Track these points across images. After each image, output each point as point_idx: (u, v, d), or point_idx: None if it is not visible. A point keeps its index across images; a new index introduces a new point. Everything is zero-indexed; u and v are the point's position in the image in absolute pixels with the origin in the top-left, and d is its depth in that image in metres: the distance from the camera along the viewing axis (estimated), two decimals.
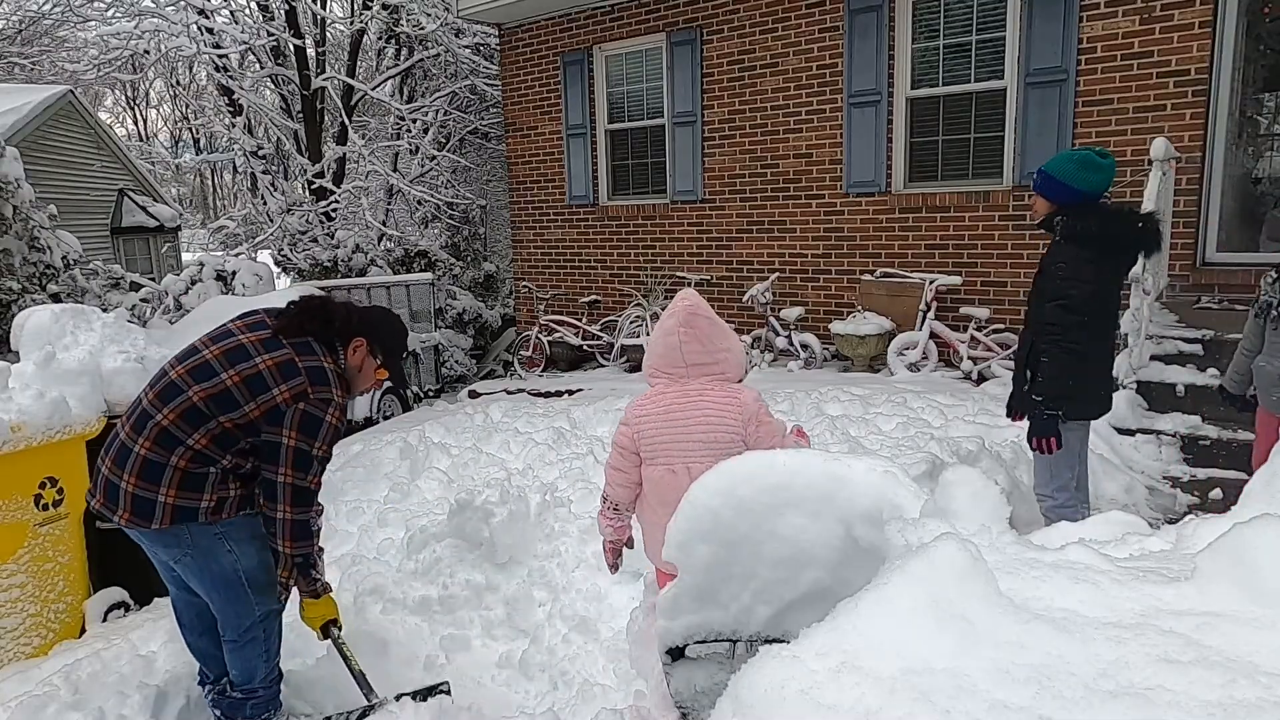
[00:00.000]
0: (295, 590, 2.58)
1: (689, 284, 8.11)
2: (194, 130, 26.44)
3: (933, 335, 6.52)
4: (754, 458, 1.71)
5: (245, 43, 12.85)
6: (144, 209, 17.54)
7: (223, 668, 2.64)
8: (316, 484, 2.46)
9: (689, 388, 2.58)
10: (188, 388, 2.37)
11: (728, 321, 8.34)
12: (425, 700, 2.69)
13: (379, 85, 13.73)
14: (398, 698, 2.67)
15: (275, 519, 2.41)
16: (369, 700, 2.64)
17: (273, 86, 14.68)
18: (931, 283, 6.52)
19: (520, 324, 9.90)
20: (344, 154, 13.21)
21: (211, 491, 2.39)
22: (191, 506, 2.37)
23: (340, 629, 2.67)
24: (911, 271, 6.84)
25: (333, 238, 12.02)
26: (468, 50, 12.54)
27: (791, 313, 7.27)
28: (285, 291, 7.58)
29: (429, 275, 10.34)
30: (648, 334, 7.99)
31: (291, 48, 12.70)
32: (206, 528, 2.40)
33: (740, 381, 2.65)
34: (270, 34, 12.41)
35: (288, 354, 2.40)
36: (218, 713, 2.67)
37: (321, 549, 2.69)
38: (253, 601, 2.51)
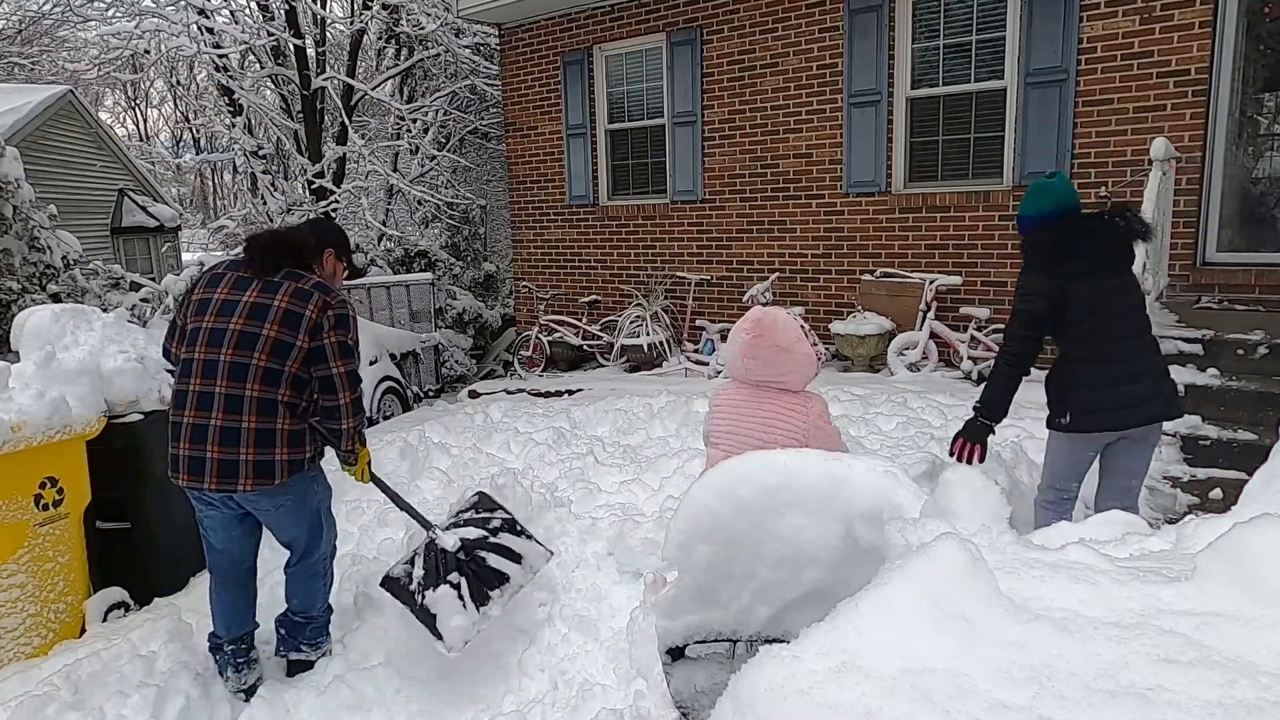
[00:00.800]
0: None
1: (689, 284, 8.12)
2: (194, 130, 26.44)
3: (933, 335, 6.52)
4: (754, 458, 1.71)
5: (245, 43, 12.85)
6: (144, 209, 17.54)
7: (245, 625, 3.05)
8: (356, 366, 2.91)
9: (761, 390, 2.92)
10: (249, 359, 2.73)
11: (727, 321, 8.21)
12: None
13: (379, 85, 13.72)
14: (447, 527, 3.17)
15: (338, 404, 2.84)
16: (426, 528, 3.16)
17: (273, 86, 14.68)
18: (931, 283, 6.52)
19: (520, 324, 9.90)
20: (344, 154, 13.20)
21: (308, 445, 2.85)
22: (299, 459, 2.83)
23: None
24: (911, 271, 6.84)
25: None
26: (468, 50, 12.54)
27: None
28: None
29: (429, 275, 10.35)
30: (648, 334, 7.99)
31: (291, 48, 12.70)
32: (306, 474, 2.89)
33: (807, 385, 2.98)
34: (270, 34, 12.40)
35: (289, 285, 2.80)
36: (282, 631, 3.10)
37: (362, 409, 3.09)
38: (326, 536, 3.07)
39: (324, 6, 12.65)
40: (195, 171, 31.78)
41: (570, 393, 7.32)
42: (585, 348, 8.77)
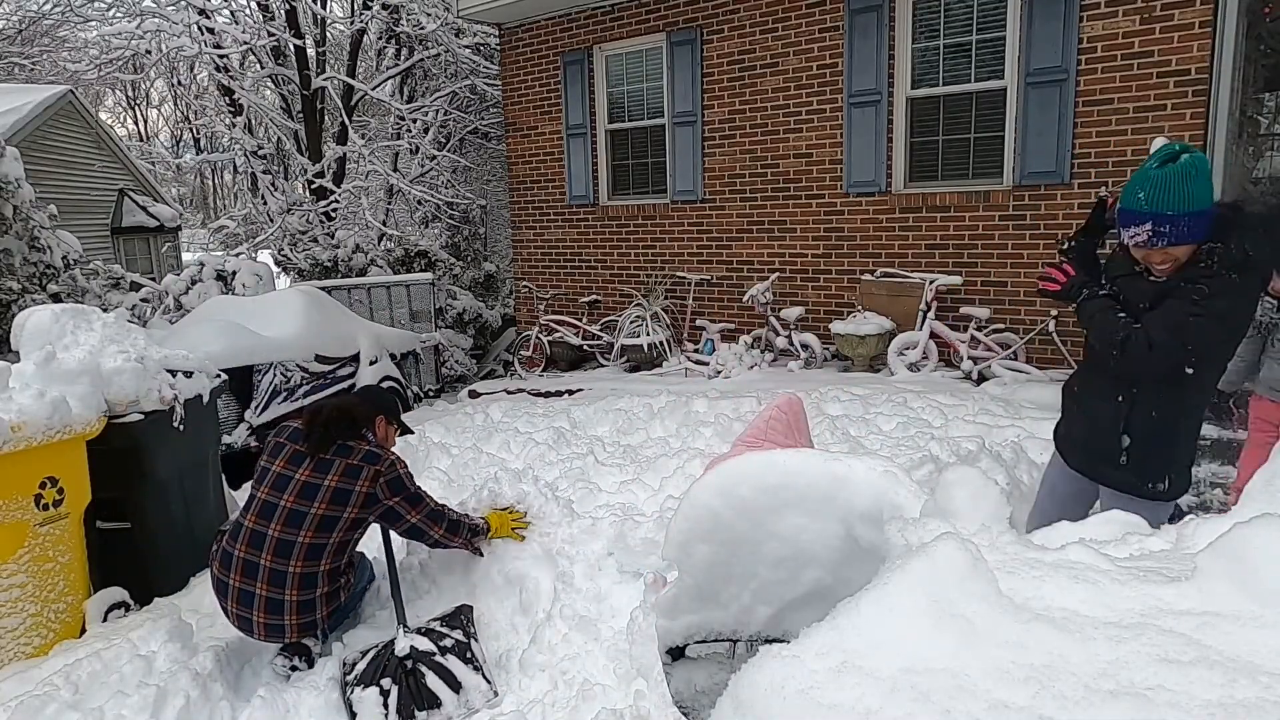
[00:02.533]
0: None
1: (690, 284, 8.12)
2: (194, 130, 26.43)
3: (933, 335, 6.52)
4: (754, 458, 1.70)
5: (246, 43, 12.85)
6: (144, 209, 17.54)
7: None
8: (432, 503, 3.21)
9: None
10: (295, 536, 2.97)
11: (727, 321, 8.21)
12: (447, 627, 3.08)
13: (379, 85, 13.73)
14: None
15: (435, 540, 3.24)
16: (399, 622, 3.14)
17: (273, 86, 14.69)
18: (932, 283, 6.52)
19: (520, 324, 9.90)
20: (344, 154, 13.21)
21: (344, 592, 3.16)
22: (336, 606, 3.14)
23: (517, 530, 3.51)
24: (912, 271, 6.84)
25: (333, 237, 12.02)
26: (468, 50, 12.54)
27: (792, 312, 7.27)
28: (284, 292, 7.58)
29: (429, 275, 10.34)
30: (648, 334, 7.99)
31: (292, 48, 12.70)
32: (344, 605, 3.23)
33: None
34: (271, 34, 12.41)
35: (340, 463, 3.04)
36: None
37: (460, 520, 3.35)
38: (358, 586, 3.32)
39: (324, 6, 12.65)
40: (195, 171, 31.78)
41: (570, 393, 7.32)
42: (585, 348, 8.77)
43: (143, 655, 3.00)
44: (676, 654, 1.83)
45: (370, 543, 3.45)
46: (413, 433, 4.01)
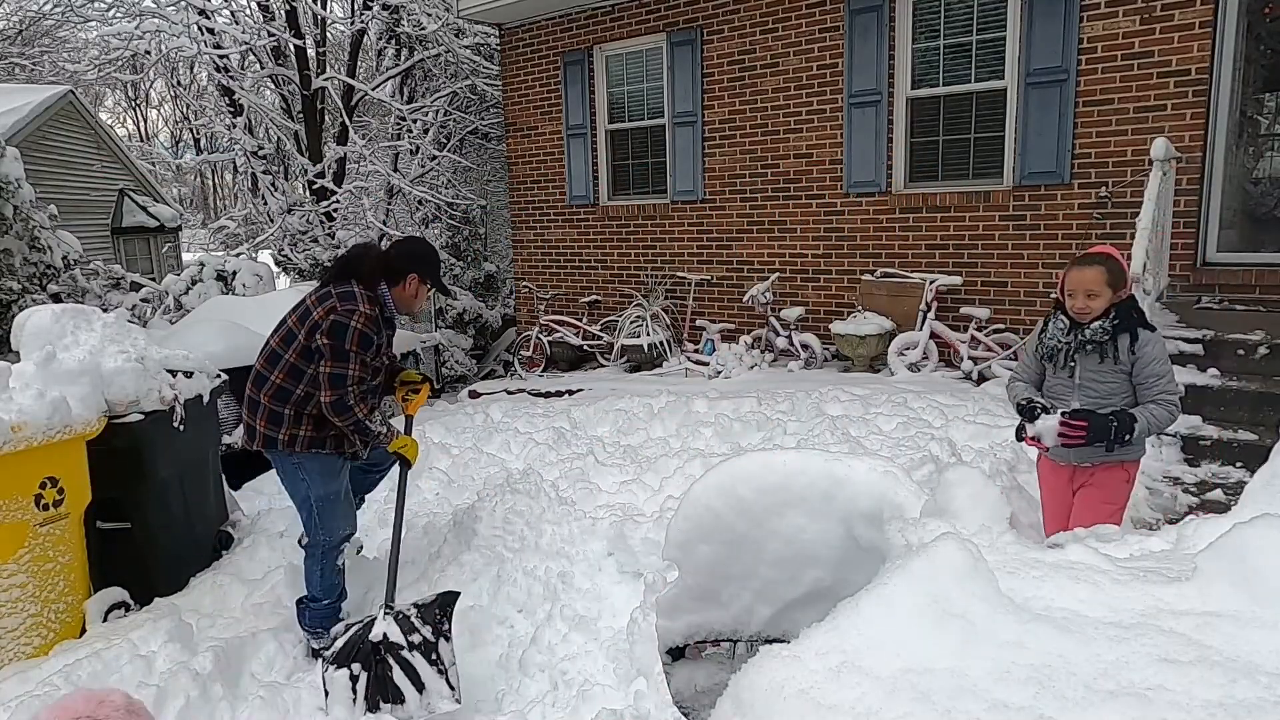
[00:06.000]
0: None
1: (690, 284, 8.12)
2: (194, 130, 26.43)
3: (933, 335, 6.52)
4: (755, 458, 1.71)
5: (246, 43, 12.85)
6: (144, 209, 17.53)
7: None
8: (353, 372, 3.14)
9: None
10: (269, 339, 3.25)
11: (727, 321, 8.23)
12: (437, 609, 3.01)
13: (379, 85, 13.72)
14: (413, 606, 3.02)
15: (323, 403, 3.14)
16: (386, 602, 3.10)
17: (273, 87, 14.67)
18: (932, 283, 6.52)
19: (520, 324, 9.90)
20: (344, 154, 13.20)
21: (284, 428, 3.18)
22: (272, 436, 3.20)
23: (409, 466, 3.47)
24: (912, 271, 6.84)
25: (333, 238, 12.02)
26: (468, 50, 12.53)
27: (792, 313, 7.27)
28: (285, 292, 7.58)
29: None
30: (648, 334, 7.99)
31: (292, 48, 12.69)
32: (282, 454, 3.23)
33: None
34: (271, 34, 12.40)
35: (327, 290, 3.18)
36: (300, 606, 3.38)
37: (376, 418, 3.34)
38: (321, 526, 3.27)
39: (324, 7, 12.65)
40: (195, 172, 31.79)
41: (570, 393, 7.31)
42: (585, 348, 8.77)
43: (143, 655, 3.01)
44: (676, 654, 1.83)
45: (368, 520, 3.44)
46: (452, 295, 4.01)
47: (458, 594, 3.12)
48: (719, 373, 7.38)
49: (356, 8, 13.83)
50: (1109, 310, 2.83)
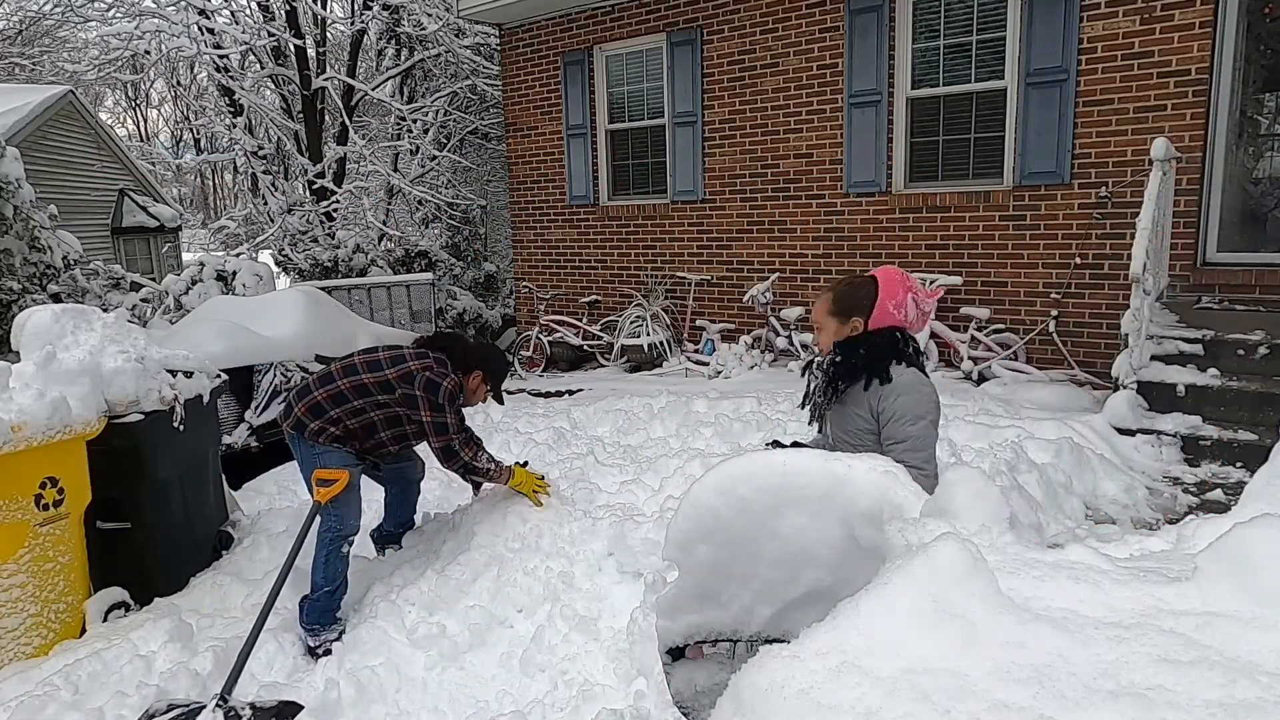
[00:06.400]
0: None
1: (690, 284, 8.12)
2: (195, 130, 26.43)
3: (933, 335, 6.52)
4: (755, 458, 1.71)
5: (246, 43, 12.85)
6: (144, 209, 17.54)
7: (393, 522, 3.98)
8: (453, 421, 3.44)
9: None
10: (354, 355, 3.53)
11: (727, 321, 8.23)
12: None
13: (379, 85, 13.73)
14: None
15: (432, 448, 3.50)
16: (223, 691, 2.75)
17: (273, 87, 14.67)
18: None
19: (520, 324, 9.90)
20: (344, 154, 13.21)
21: (322, 421, 3.37)
22: (305, 422, 3.39)
23: (542, 491, 3.76)
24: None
25: (333, 238, 12.02)
26: (468, 50, 12.54)
27: (792, 313, 7.27)
28: (284, 292, 7.58)
29: (429, 275, 10.35)
30: (648, 334, 7.99)
31: (292, 48, 12.70)
32: (306, 442, 3.40)
33: None
34: (271, 34, 12.41)
35: (424, 351, 3.52)
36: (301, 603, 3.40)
37: (484, 457, 3.62)
38: (331, 514, 3.37)
39: (324, 7, 12.65)
40: (195, 172, 31.80)
41: (570, 393, 7.32)
42: (585, 348, 8.77)
43: (143, 655, 3.01)
44: (676, 654, 1.83)
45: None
46: (502, 403, 4.07)
47: (301, 707, 2.77)
48: (719, 373, 7.38)
49: (356, 8, 13.83)
50: (857, 346, 2.43)
